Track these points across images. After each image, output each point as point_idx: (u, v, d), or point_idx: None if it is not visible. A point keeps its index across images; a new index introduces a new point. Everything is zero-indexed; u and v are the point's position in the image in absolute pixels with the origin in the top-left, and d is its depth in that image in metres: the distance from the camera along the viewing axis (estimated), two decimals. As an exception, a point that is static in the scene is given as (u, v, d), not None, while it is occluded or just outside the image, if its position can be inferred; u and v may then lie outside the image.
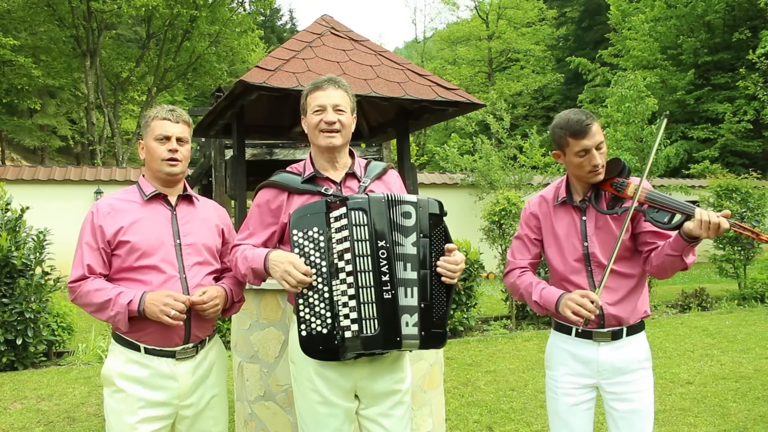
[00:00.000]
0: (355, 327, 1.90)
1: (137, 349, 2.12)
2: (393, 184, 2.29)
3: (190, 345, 2.17)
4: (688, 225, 1.98)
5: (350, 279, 1.91)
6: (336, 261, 1.94)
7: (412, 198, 2.02)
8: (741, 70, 20.05)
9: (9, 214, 6.32)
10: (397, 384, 2.11)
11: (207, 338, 2.26)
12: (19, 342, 6.07)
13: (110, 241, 2.13)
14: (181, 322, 2.07)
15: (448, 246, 2.05)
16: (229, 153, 12.03)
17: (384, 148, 12.41)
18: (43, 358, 6.46)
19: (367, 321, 1.90)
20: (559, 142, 2.20)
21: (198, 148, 14.52)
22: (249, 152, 11.10)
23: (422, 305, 1.96)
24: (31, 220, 6.57)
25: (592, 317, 2.05)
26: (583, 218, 2.23)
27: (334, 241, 1.94)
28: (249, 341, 3.28)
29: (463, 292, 7.45)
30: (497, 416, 4.42)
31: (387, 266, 1.93)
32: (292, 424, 3.07)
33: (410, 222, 1.99)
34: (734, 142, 21.00)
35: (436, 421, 3.43)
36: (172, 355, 2.13)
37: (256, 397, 3.22)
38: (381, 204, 1.96)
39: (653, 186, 2.31)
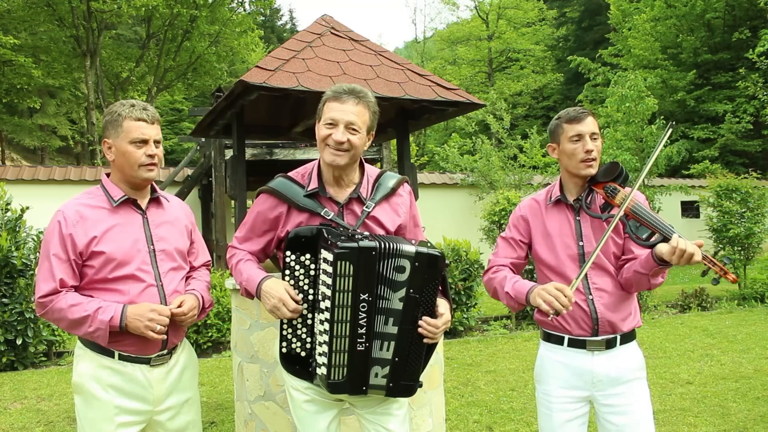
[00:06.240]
0: (323, 370, 1.89)
1: (110, 354, 2.04)
2: (401, 206, 2.13)
3: (165, 351, 2.12)
4: (661, 248, 1.94)
5: (326, 326, 1.87)
6: (319, 298, 1.91)
7: (411, 250, 1.87)
8: (741, 70, 20.03)
9: (9, 214, 6.33)
10: None
11: (179, 342, 2.22)
12: (19, 342, 6.08)
13: (82, 252, 2.00)
14: (165, 336, 2.03)
15: (438, 303, 1.96)
16: (229, 153, 12.04)
17: (384, 148, 12.44)
18: (43, 358, 6.47)
19: (336, 368, 1.88)
20: (555, 132, 2.23)
21: (198, 148, 14.55)
22: (249, 152, 11.15)
23: (396, 359, 1.92)
24: (31, 220, 6.58)
25: (564, 311, 1.96)
26: (578, 218, 2.21)
27: (320, 279, 1.90)
28: (249, 341, 3.28)
29: (463, 292, 7.45)
30: (497, 416, 4.42)
31: (365, 320, 1.87)
32: (292, 424, 3.07)
33: (402, 277, 1.88)
34: (734, 141, 20.98)
35: (436, 421, 3.43)
36: (146, 361, 2.07)
37: (256, 397, 3.22)
38: (372, 256, 1.84)
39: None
